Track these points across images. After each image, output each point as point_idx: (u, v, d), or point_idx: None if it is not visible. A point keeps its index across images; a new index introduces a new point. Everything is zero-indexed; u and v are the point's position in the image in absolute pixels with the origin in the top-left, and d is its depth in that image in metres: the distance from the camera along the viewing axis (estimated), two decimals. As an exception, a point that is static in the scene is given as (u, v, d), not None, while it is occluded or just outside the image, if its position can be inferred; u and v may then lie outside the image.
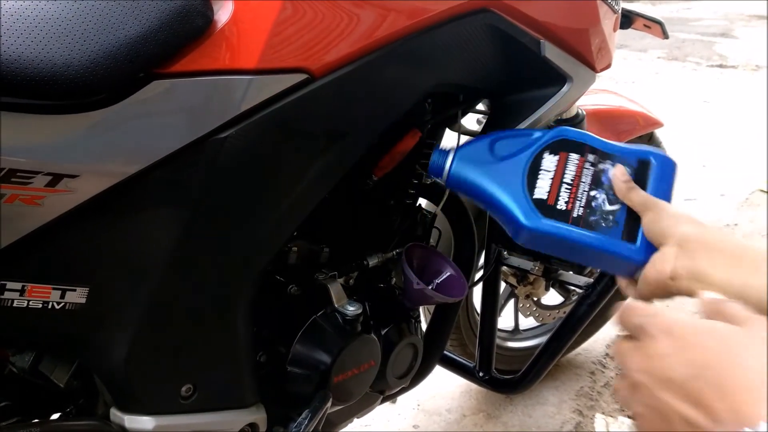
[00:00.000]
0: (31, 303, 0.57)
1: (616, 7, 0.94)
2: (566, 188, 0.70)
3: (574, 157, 0.71)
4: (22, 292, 0.56)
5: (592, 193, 0.70)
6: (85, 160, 0.54)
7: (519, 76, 0.87)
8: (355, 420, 1.00)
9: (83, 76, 0.52)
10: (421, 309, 1.04)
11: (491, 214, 0.75)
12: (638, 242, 0.67)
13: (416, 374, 0.98)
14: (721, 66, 5.13)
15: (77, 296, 0.60)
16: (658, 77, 4.77)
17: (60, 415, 0.72)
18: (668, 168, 0.71)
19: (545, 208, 0.69)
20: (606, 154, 0.72)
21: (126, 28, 0.55)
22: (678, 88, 4.42)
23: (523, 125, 0.90)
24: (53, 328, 0.61)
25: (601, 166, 0.71)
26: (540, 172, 0.71)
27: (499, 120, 0.94)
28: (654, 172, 0.70)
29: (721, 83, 4.64)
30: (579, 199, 0.69)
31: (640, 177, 0.70)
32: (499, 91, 0.90)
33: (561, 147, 0.72)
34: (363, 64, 0.68)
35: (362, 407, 0.96)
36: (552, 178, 0.70)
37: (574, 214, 0.69)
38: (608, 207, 0.68)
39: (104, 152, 0.55)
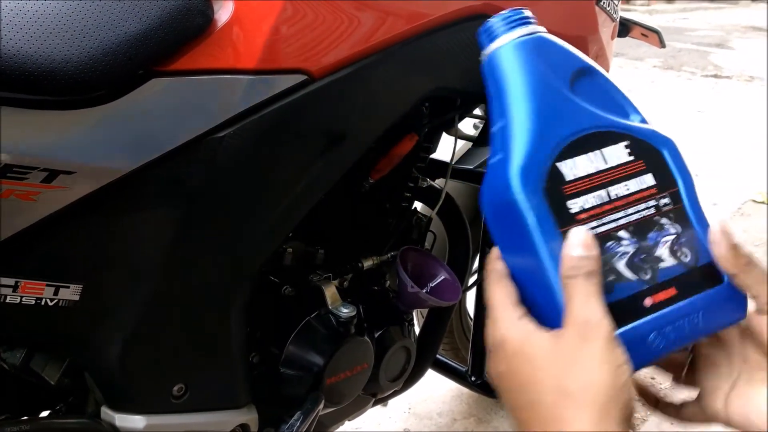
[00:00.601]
0: (24, 299, 0.57)
1: (614, 15, 0.95)
2: (597, 197, 0.47)
3: (647, 179, 0.49)
4: (15, 288, 0.56)
5: (622, 234, 0.47)
6: (82, 156, 0.54)
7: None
8: (346, 422, 0.99)
9: (81, 72, 0.52)
10: (414, 312, 1.04)
11: (491, 131, 0.52)
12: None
13: (408, 377, 0.98)
14: (716, 76, 5.18)
15: (71, 293, 0.60)
16: (654, 86, 4.81)
17: (50, 413, 0.71)
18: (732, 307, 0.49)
19: (554, 189, 0.46)
20: (685, 218, 0.49)
21: (126, 25, 0.55)
22: (673, 98, 4.45)
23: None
24: (46, 325, 0.61)
25: (665, 221, 0.49)
26: (592, 151, 0.48)
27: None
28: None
29: (716, 93, 4.67)
30: (600, 222, 0.47)
31: None
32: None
33: (645, 155, 0.50)
34: (362, 66, 0.68)
35: (354, 409, 0.96)
36: (597, 172, 0.48)
37: None
38: (620, 268, 0.46)
39: (101, 149, 0.55)
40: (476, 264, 1.20)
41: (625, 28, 1.17)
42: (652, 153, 0.50)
